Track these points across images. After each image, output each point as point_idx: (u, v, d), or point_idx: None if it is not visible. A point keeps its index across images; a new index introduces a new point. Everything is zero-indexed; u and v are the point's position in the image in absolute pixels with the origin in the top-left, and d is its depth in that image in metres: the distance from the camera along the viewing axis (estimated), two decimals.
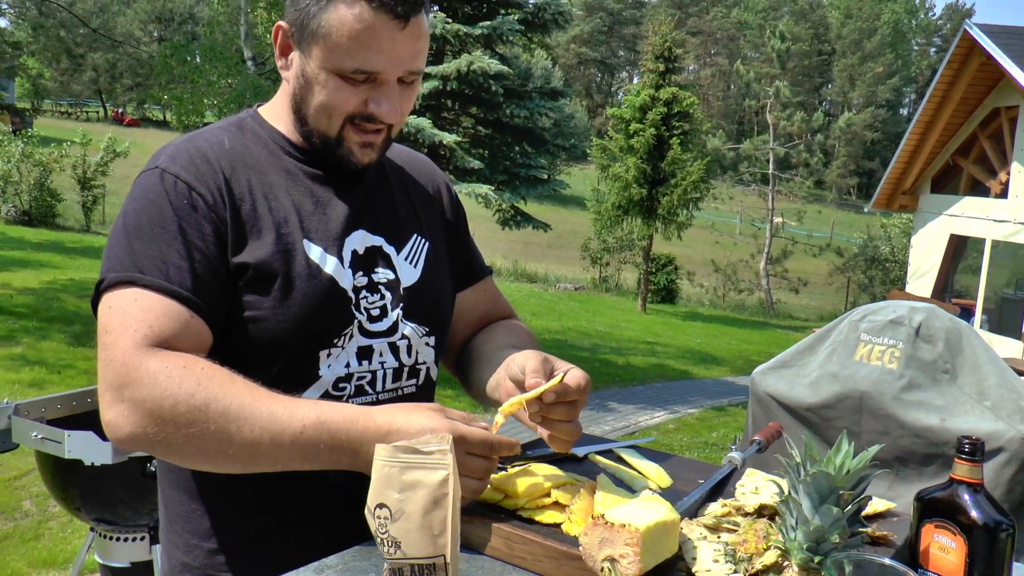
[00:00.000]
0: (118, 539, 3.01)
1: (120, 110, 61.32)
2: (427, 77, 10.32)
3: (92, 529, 3.08)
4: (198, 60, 9.83)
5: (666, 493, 1.35)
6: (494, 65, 9.80)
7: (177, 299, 1.22)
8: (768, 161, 25.61)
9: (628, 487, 1.34)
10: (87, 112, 61.21)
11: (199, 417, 1.13)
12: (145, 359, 1.16)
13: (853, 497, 1.03)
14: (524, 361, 1.31)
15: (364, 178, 1.45)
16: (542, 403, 1.26)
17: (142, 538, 2.99)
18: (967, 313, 14.36)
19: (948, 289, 15.79)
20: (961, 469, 1.07)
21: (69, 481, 2.93)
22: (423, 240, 1.50)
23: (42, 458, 2.98)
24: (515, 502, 1.22)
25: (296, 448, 1.15)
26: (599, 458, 1.48)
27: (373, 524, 0.96)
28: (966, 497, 1.05)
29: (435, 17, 10.08)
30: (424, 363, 1.46)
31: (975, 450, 1.06)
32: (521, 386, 1.29)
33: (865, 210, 18.76)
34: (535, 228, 11.93)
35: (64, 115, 58.88)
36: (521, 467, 1.33)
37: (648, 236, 19.84)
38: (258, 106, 1.49)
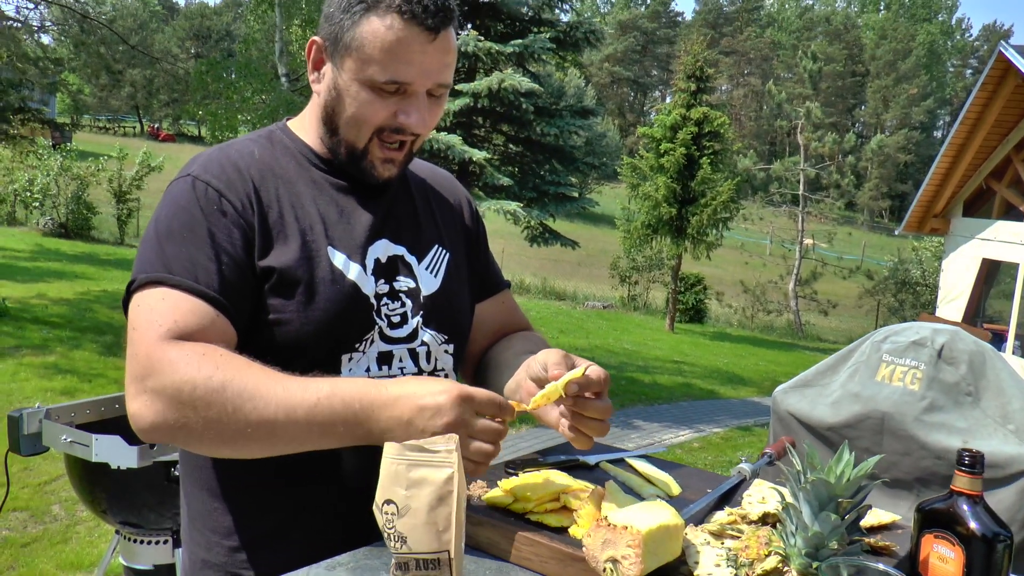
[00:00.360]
0: (142, 542, 3.07)
1: (156, 125, 62.38)
2: (458, 94, 10.42)
3: (117, 532, 3.14)
4: (233, 76, 9.97)
5: (675, 501, 1.37)
6: (525, 83, 9.86)
7: (204, 298, 1.26)
8: (799, 182, 25.48)
9: (637, 494, 1.37)
10: (124, 127, 62.34)
11: (216, 399, 1.16)
12: (167, 349, 1.20)
13: (852, 505, 1.05)
14: (545, 357, 1.35)
15: (388, 190, 1.50)
16: (567, 398, 1.27)
17: (165, 541, 3.05)
18: (999, 339, 14.18)
19: (980, 314, 15.59)
20: (961, 481, 1.08)
21: (96, 484, 3.00)
22: (443, 251, 1.54)
23: (71, 461, 3.05)
24: (524, 506, 1.25)
25: (311, 423, 1.17)
26: (610, 466, 1.51)
27: (381, 519, 1.00)
28: (965, 508, 1.07)
29: (467, 35, 10.18)
30: (443, 370, 1.50)
31: (975, 462, 1.07)
32: (542, 384, 1.32)
33: (896, 233, 18.59)
34: (563, 245, 11.95)
35: (102, 130, 60.01)
36: (532, 473, 1.36)
37: (677, 255, 19.80)
38: (287, 120, 1.54)
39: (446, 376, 1.51)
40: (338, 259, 1.38)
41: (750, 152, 28.63)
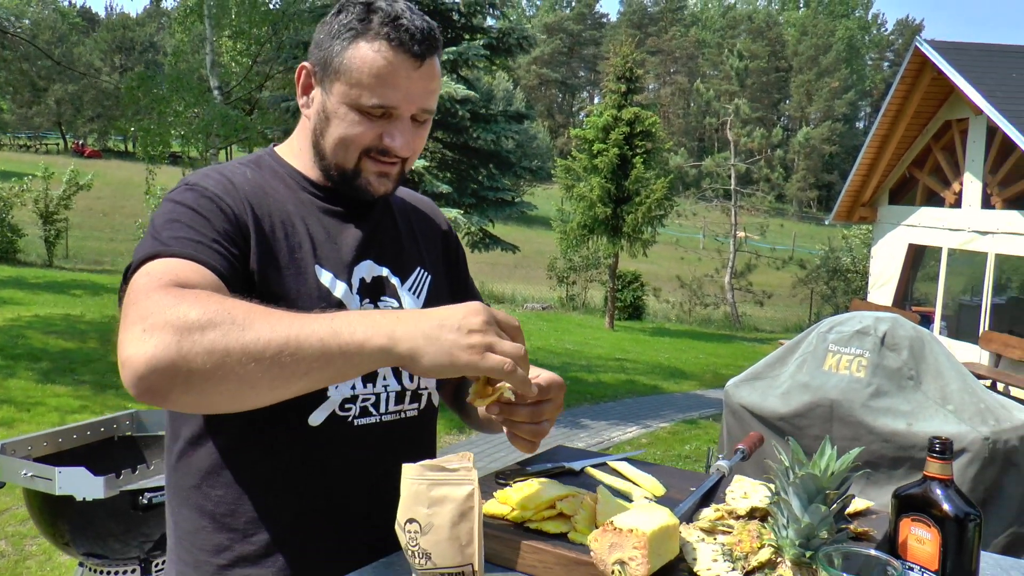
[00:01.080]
0: (108, 572, 3.03)
1: (81, 141, 60.70)
2: None
3: (81, 564, 3.10)
4: (164, 90, 9.79)
5: (660, 501, 1.43)
6: (461, 90, 9.91)
7: (203, 265, 1.24)
8: (730, 177, 25.99)
9: (625, 497, 1.42)
10: (47, 144, 60.56)
11: (225, 318, 1.08)
12: (171, 290, 1.14)
13: (838, 496, 1.12)
14: None
15: (373, 212, 1.54)
16: (503, 405, 1.30)
17: (132, 571, 3.02)
18: (926, 320, 14.69)
19: (908, 297, 16.12)
20: (933, 467, 1.16)
21: (59, 516, 2.95)
22: (426, 273, 1.58)
23: (30, 495, 2.99)
24: (522, 515, 1.30)
25: (326, 342, 1.09)
26: (594, 471, 1.57)
27: (403, 538, 1.03)
28: (939, 492, 1.15)
29: None
30: (426, 388, 1.53)
31: (945, 449, 1.16)
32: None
33: (826, 222, 19.11)
34: (504, 250, 12.03)
35: (23, 148, 58.20)
36: (523, 482, 1.41)
37: (614, 254, 20.04)
38: (274, 146, 1.58)
39: (428, 393, 1.54)
40: (325, 277, 1.41)
41: (681, 150, 29.10)
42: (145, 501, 2.75)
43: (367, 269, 1.48)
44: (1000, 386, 11.26)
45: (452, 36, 11.26)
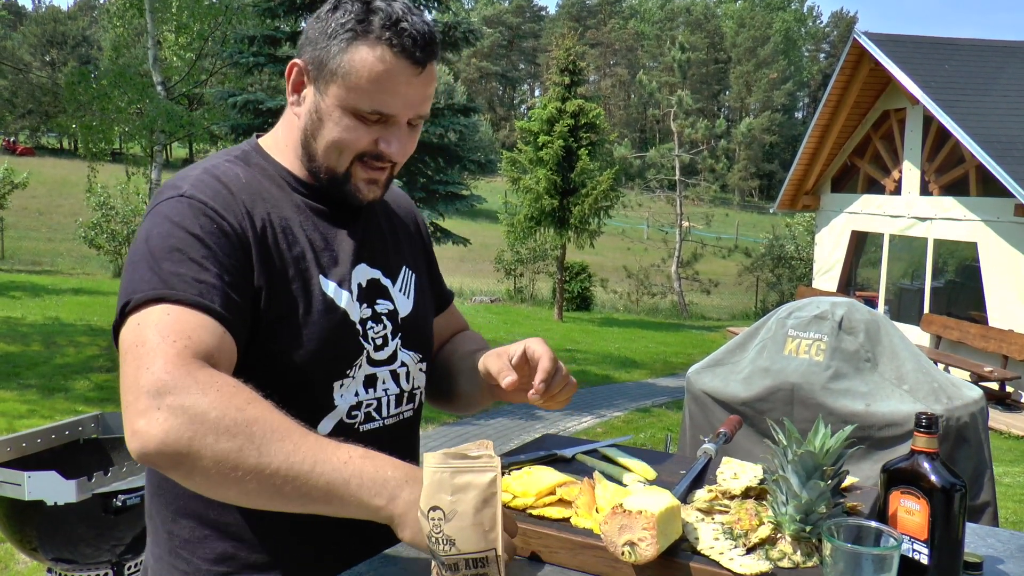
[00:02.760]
0: None
1: (12, 139, 58.91)
2: None
3: (50, 570, 3.06)
4: (104, 84, 9.57)
5: (652, 485, 1.47)
6: None
7: (210, 314, 1.22)
8: (674, 168, 26.28)
9: (619, 482, 1.46)
10: None
11: (244, 430, 1.10)
12: (193, 369, 1.14)
13: (834, 472, 1.18)
14: (486, 364, 1.50)
15: (361, 214, 1.52)
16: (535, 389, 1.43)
17: (105, 575, 2.98)
18: (870, 304, 14.99)
19: (852, 283, 16.51)
20: (920, 441, 1.22)
21: (26, 522, 2.90)
22: (411, 272, 1.59)
23: None
24: (524, 502, 1.33)
25: (336, 477, 1.11)
26: (587, 458, 1.61)
27: (427, 526, 1.06)
28: (926, 465, 1.21)
29: None
30: (419, 388, 1.55)
31: (931, 424, 1.22)
32: (523, 368, 1.47)
33: (771, 211, 19.46)
34: (455, 243, 12.04)
35: None
36: (519, 470, 1.44)
37: (561, 246, 20.15)
38: (257, 137, 1.52)
39: (420, 392, 1.56)
40: (329, 287, 1.39)
41: (625, 141, 29.32)
42: (119, 503, 2.72)
43: (362, 273, 1.47)
44: (941, 366, 11.60)
45: None
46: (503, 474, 1.43)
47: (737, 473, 1.43)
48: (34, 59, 57.92)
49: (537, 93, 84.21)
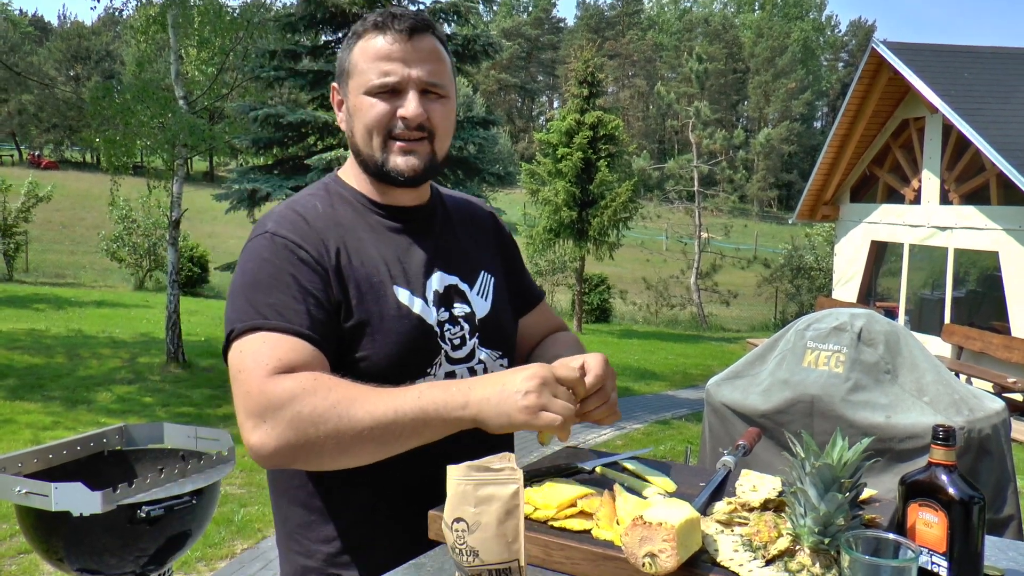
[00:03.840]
0: None
1: (37, 153, 59.59)
2: None
3: None
4: (128, 98, 9.68)
5: (672, 497, 1.49)
6: None
7: (300, 336, 1.41)
8: (693, 179, 26.24)
9: (639, 494, 1.48)
10: (0, 156, 59.45)
11: (332, 413, 1.32)
12: (279, 381, 1.35)
13: (852, 484, 1.19)
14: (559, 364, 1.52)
15: (434, 225, 1.66)
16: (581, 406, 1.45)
17: None
18: (890, 315, 14.92)
19: (872, 293, 16.41)
20: (938, 453, 1.23)
21: (53, 532, 2.94)
22: (489, 276, 1.72)
23: (23, 512, 2.97)
24: (545, 514, 1.35)
25: (416, 414, 1.33)
26: (607, 470, 1.62)
27: (450, 537, 1.08)
28: (944, 477, 1.22)
29: None
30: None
31: (948, 436, 1.23)
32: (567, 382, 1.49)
33: (790, 222, 19.40)
34: None
35: None
36: (541, 483, 1.46)
37: (580, 257, 20.15)
38: (337, 170, 1.70)
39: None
40: (403, 295, 1.55)
41: (644, 152, 29.33)
42: (143, 515, 2.75)
43: (438, 280, 1.61)
44: (963, 377, 11.50)
45: None
46: (525, 486, 1.45)
47: (756, 485, 1.44)
48: (59, 74, 58.56)
49: (556, 105, 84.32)
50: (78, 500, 2.71)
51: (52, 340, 12.52)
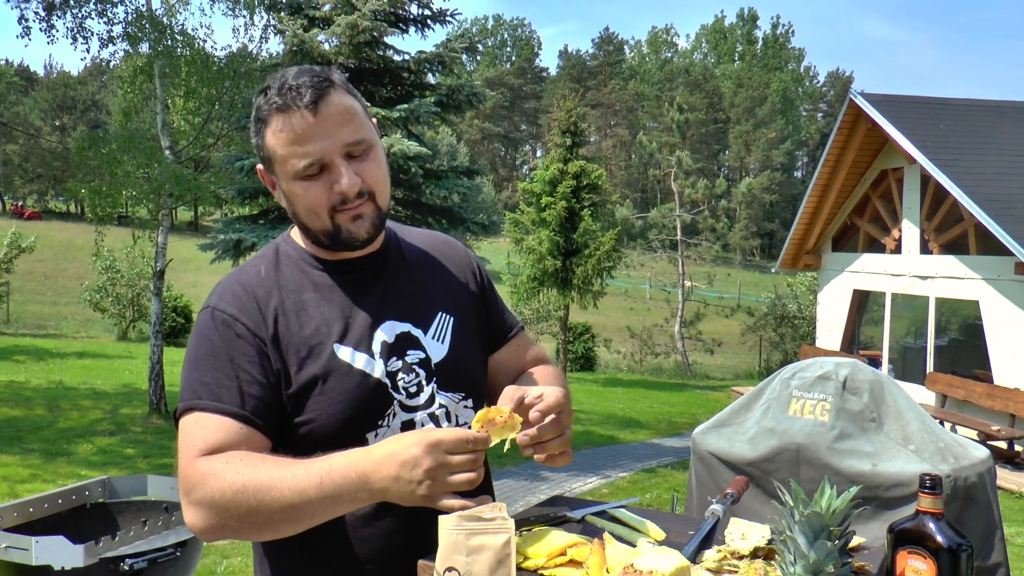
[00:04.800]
0: None
1: (20, 203, 59.42)
2: None
3: None
4: (114, 148, 9.71)
5: (662, 545, 1.49)
6: (414, 147, 10.03)
7: (229, 415, 1.45)
8: (675, 228, 26.44)
9: (629, 543, 1.48)
10: None
11: (242, 500, 1.35)
12: (198, 465, 1.40)
13: (841, 532, 1.20)
14: (504, 394, 1.50)
15: (385, 272, 1.63)
16: (531, 425, 1.43)
17: None
18: (874, 363, 15.02)
19: (855, 341, 16.48)
20: (925, 502, 1.24)
21: None
22: (447, 316, 1.67)
23: (2, 566, 2.93)
24: (535, 563, 1.35)
25: (322, 498, 1.34)
26: (595, 519, 1.62)
27: None
28: (931, 525, 1.23)
29: None
30: (466, 424, 1.60)
31: (935, 484, 1.24)
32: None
33: (772, 270, 19.52)
34: None
35: None
36: (530, 531, 1.46)
37: (564, 306, 20.17)
38: (290, 229, 1.70)
39: (469, 428, 1.61)
40: (344, 353, 1.53)
41: (626, 201, 29.57)
42: (126, 567, 2.71)
43: (388, 330, 1.59)
44: (947, 425, 11.54)
45: (403, 93, 11.42)
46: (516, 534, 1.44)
47: (745, 533, 1.44)
48: (44, 124, 58.66)
49: (539, 154, 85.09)
50: (60, 554, 2.68)
51: (32, 392, 12.39)
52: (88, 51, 11.09)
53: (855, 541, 1.46)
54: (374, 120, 1.62)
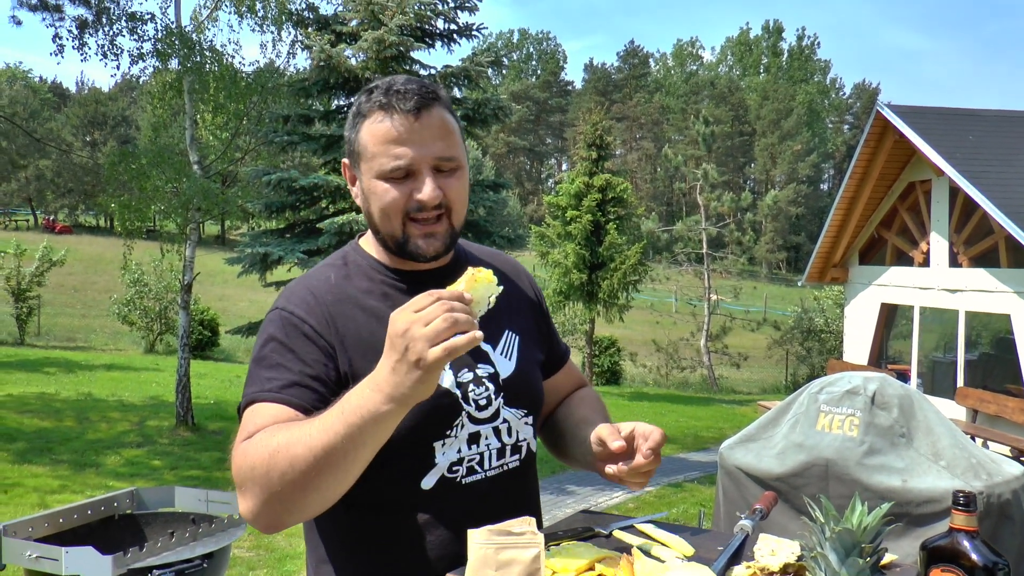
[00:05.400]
0: None
1: (51, 217, 60.29)
2: None
3: None
4: (144, 163, 9.84)
5: (690, 561, 1.48)
6: None
7: (284, 403, 1.45)
8: (701, 241, 26.35)
9: (656, 558, 1.47)
10: (16, 221, 60.13)
11: (277, 460, 1.33)
12: (240, 447, 1.41)
13: (873, 549, 1.18)
14: (598, 434, 1.58)
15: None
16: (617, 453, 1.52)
17: None
18: (902, 378, 14.81)
19: (883, 356, 16.30)
20: (959, 519, 1.22)
21: None
22: (514, 335, 1.72)
23: None
24: None
25: (349, 430, 1.30)
26: (623, 534, 1.61)
27: None
28: (966, 543, 1.21)
29: None
30: (525, 439, 1.67)
31: (969, 502, 1.22)
32: (605, 457, 1.58)
33: (799, 284, 19.40)
34: None
35: None
36: (558, 546, 1.45)
37: (590, 320, 20.16)
38: (360, 236, 1.73)
39: (527, 443, 1.68)
40: None
41: (652, 214, 29.53)
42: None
43: None
44: (979, 441, 11.37)
45: None
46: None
47: (775, 550, 1.43)
48: (76, 139, 59.52)
49: (564, 167, 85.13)
50: (89, 564, 2.71)
51: (62, 404, 12.52)
52: (118, 67, 11.28)
53: (887, 558, 1.44)
54: (467, 147, 1.66)
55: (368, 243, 1.69)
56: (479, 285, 1.34)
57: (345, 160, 1.64)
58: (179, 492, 3.52)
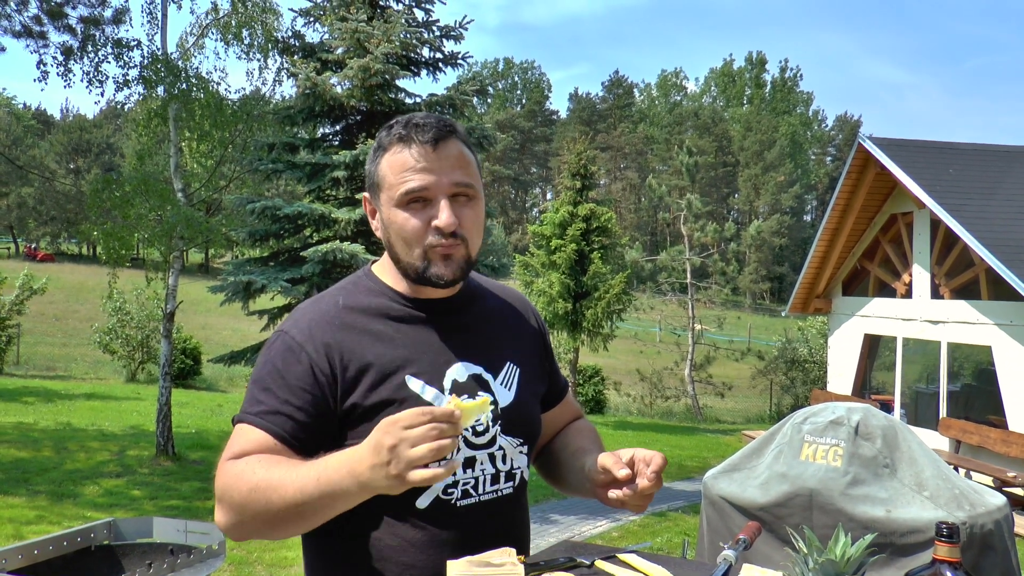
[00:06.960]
0: None
1: (33, 245, 59.89)
2: (357, 204, 10.58)
3: None
4: (127, 190, 9.80)
5: None
6: None
7: (268, 431, 1.53)
8: (685, 271, 26.45)
9: None
10: None
11: (255, 497, 1.44)
12: (227, 466, 1.50)
13: None
14: (603, 462, 1.62)
15: (465, 316, 1.71)
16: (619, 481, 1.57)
17: None
18: (886, 408, 14.89)
19: (867, 386, 16.37)
20: (942, 550, 1.22)
21: None
22: (515, 367, 1.74)
23: None
24: None
25: (320, 494, 1.40)
26: (605, 565, 1.60)
27: None
28: (948, 574, 1.20)
29: (366, 145, 10.36)
30: (519, 468, 1.71)
31: (952, 533, 1.22)
32: (608, 483, 1.62)
33: (783, 314, 19.48)
34: None
35: None
36: None
37: (574, 349, 20.14)
38: (372, 264, 1.77)
39: (521, 471, 1.71)
40: (414, 384, 1.58)
41: (636, 244, 29.63)
42: None
43: (460, 371, 1.65)
44: (961, 471, 11.40)
45: None
46: None
47: None
48: (59, 167, 59.30)
49: (549, 196, 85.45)
50: None
51: (40, 433, 12.37)
52: (103, 94, 11.27)
53: None
54: (483, 180, 1.70)
55: (382, 270, 1.72)
56: (472, 409, 1.40)
57: (365, 194, 1.70)
58: (157, 522, 3.46)
